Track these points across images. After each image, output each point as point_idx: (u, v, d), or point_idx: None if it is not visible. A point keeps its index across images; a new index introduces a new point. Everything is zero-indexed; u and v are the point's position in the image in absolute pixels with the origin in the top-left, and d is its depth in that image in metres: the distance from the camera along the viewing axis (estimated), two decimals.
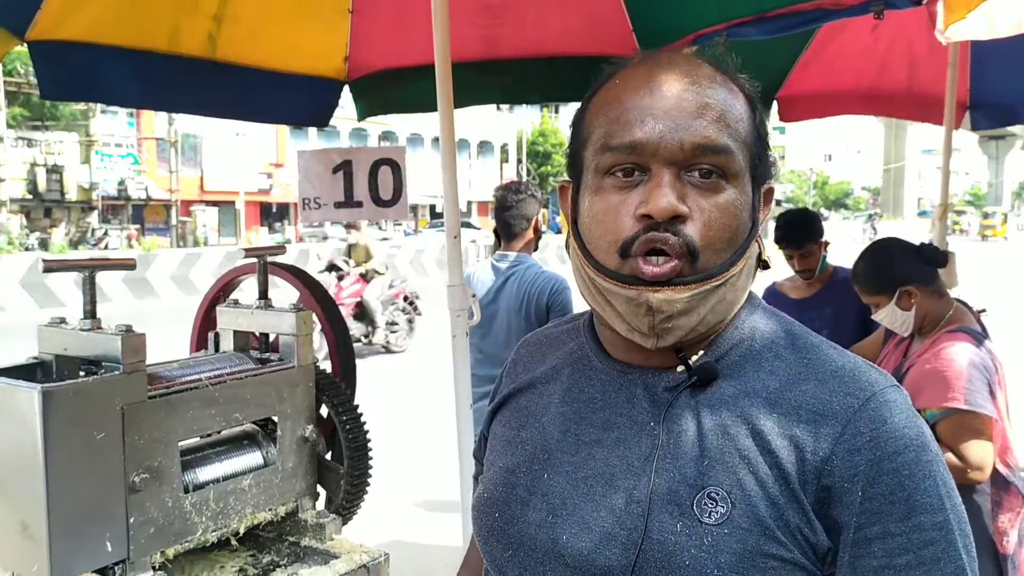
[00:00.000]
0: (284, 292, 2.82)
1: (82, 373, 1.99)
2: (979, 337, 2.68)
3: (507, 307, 3.75)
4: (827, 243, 3.98)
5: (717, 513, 0.96)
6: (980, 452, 2.51)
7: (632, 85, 1.05)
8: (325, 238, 37.31)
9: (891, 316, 2.83)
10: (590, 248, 1.06)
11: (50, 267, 1.98)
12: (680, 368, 1.06)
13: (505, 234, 3.91)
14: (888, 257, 2.91)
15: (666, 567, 0.95)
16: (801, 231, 3.91)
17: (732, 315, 1.08)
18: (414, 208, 53.11)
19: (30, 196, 37.42)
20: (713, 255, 1.01)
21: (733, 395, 1.03)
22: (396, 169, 4.18)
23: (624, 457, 1.04)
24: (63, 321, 2.03)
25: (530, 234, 3.81)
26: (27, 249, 27.45)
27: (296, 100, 3.81)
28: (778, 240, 3.91)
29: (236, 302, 2.52)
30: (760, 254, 1.10)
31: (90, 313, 1.98)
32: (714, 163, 1.01)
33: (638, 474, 1.02)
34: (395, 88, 3.94)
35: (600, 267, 1.04)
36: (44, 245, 30.89)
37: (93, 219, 39.41)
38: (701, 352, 1.07)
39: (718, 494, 0.97)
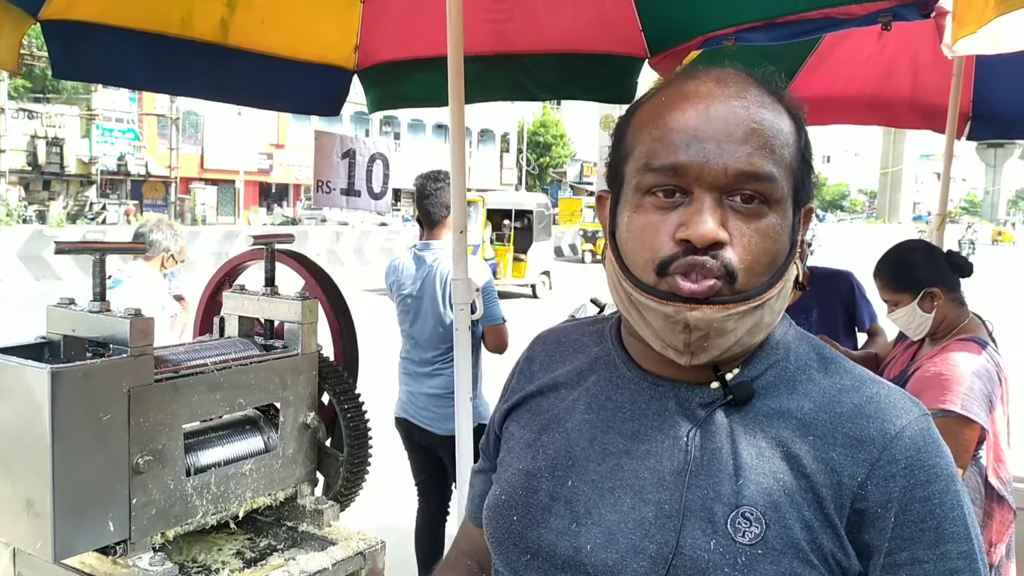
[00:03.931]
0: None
1: (89, 354, 2.01)
2: (989, 349, 2.70)
3: (431, 295, 3.91)
4: (809, 244, 4.04)
5: (751, 533, 0.96)
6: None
7: (678, 104, 1.03)
8: (323, 221, 37.24)
9: (909, 316, 2.83)
10: (627, 262, 1.05)
11: (62, 249, 1.99)
12: (715, 385, 1.06)
13: (427, 222, 4.07)
14: (917, 257, 2.92)
15: None
16: None
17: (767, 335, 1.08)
18: (412, 194, 52.94)
19: (29, 168, 37.37)
20: (752, 278, 1.00)
21: (768, 415, 1.03)
22: (386, 164, 4.25)
23: (654, 470, 1.04)
24: (72, 302, 2.05)
25: (451, 221, 3.89)
26: (25, 221, 27.39)
27: (305, 88, 3.82)
28: None
29: (242, 287, 2.54)
30: (797, 276, 1.10)
31: (99, 295, 1.99)
32: (757, 189, 0.99)
33: (669, 488, 1.01)
34: (405, 80, 3.95)
35: (637, 282, 1.03)
36: (42, 218, 30.82)
37: (92, 193, 39.35)
38: (736, 371, 1.07)
39: (752, 514, 0.97)
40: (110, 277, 4.33)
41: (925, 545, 0.96)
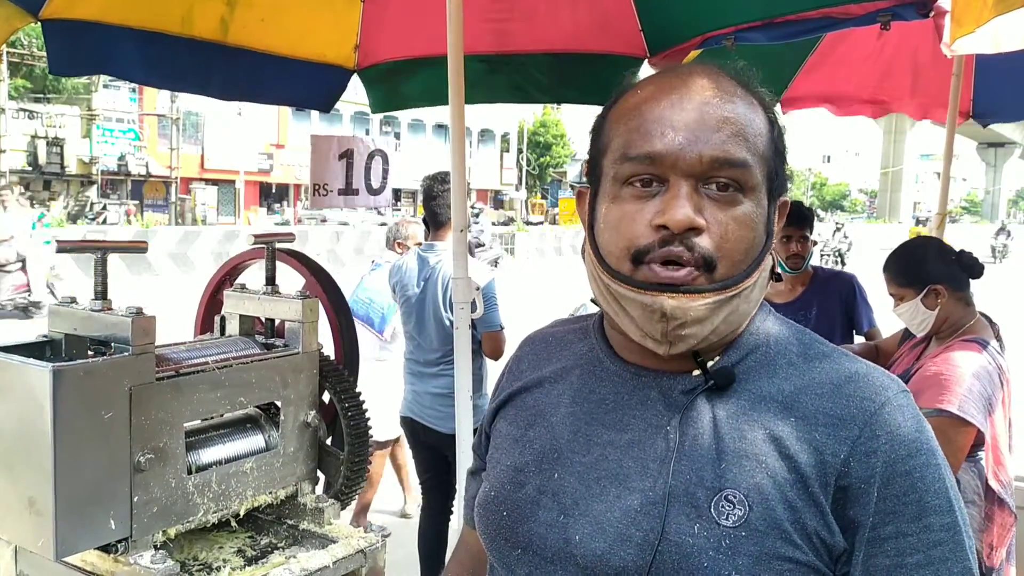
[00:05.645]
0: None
1: (91, 353, 2.01)
2: (993, 351, 2.69)
3: (434, 297, 3.91)
4: (815, 242, 4.06)
5: (735, 515, 0.97)
6: None
7: (653, 96, 1.06)
8: (323, 221, 37.22)
9: (912, 312, 2.83)
10: (604, 254, 1.07)
11: (64, 248, 2.00)
12: (696, 372, 1.07)
13: (433, 223, 4.07)
14: (926, 253, 2.91)
15: (683, 569, 0.97)
16: (805, 214, 3.97)
17: (746, 323, 1.10)
18: (413, 194, 53.04)
19: (30, 168, 37.34)
20: (730, 266, 1.02)
21: (749, 399, 1.05)
22: (385, 160, 4.26)
23: (638, 459, 1.05)
24: (74, 300, 2.06)
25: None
26: None
27: (304, 85, 3.84)
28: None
29: (243, 286, 2.54)
30: (773, 267, 1.12)
31: (101, 294, 2.00)
32: (731, 176, 1.02)
33: (653, 476, 1.02)
34: (406, 80, 3.96)
35: (615, 273, 1.05)
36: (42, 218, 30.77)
37: (92, 193, 39.34)
38: (717, 357, 1.08)
39: (736, 496, 0.98)
40: (372, 261, 5.30)
41: (908, 518, 0.97)
